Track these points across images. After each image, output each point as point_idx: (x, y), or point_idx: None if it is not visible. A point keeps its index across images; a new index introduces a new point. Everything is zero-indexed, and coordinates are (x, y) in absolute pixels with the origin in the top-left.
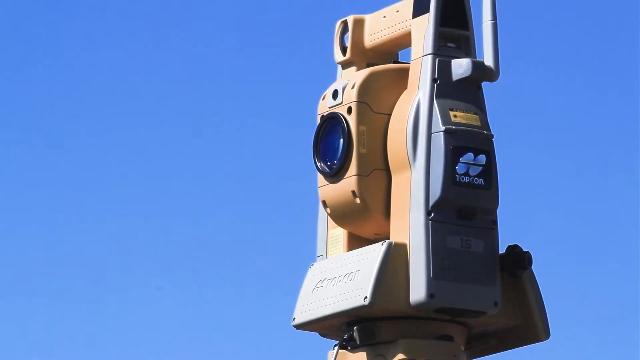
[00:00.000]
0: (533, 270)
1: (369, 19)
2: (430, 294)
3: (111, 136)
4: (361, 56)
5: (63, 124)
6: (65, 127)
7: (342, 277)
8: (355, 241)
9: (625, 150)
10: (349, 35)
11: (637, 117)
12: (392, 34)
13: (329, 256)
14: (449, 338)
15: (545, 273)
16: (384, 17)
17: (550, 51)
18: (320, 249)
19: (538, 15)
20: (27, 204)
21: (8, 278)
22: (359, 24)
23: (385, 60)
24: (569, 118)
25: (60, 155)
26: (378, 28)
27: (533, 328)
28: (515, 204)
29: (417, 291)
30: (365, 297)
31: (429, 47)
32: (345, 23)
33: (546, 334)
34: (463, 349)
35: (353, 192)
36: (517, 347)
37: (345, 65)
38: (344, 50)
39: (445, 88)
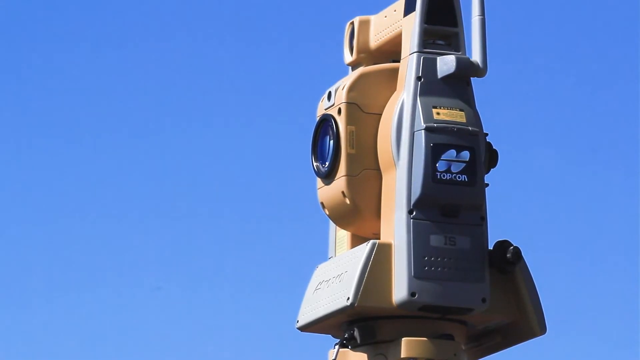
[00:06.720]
0: (528, 265)
1: (374, 19)
2: (412, 293)
3: (111, 136)
4: (368, 57)
5: (63, 123)
6: (65, 127)
7: (334, 278)
8: (358, 241)
9: (623, 146)
10: (355, 37)
11: (634, 114)
12: (391, 33)
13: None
14: (450, 337)
15: (545, 269)
16: (385, 17)
17: (543, 48)
18: (330, 250)
19: (537, 12)
20: (27, 204)
21: (8, 278)
22: (365, 25)
23: (390, 61)
24: (568, 114)
25: (61, 154)
26: (381, 28)
27: (528, 323)
28: (514, 200)
29: (399, 290)
30: (348, 298)
31: (414, 46)
32: (353, 24)
33: (542, 329)
34: (464, 347)
35: (343, 192)
36: (516, 343)
37: (354, 66)
38: (352, 51)
39: (429, 86)
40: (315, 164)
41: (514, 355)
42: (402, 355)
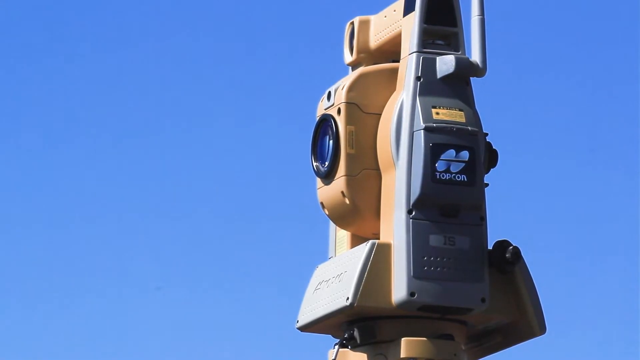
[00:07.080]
0: (527, 265)
1: (374, 19)
2: (411, 293)
3: (112, 136)
4: (368, 57)
5: (63, 123)
6: (65, 127)
7: (334, 278)
8: (358, 241)
9: (623, 146)
10: (355, 37)
11: (634, 114)
12: (391, 33)
13: None
14: (450, 337)
15: (545, 269)
16: (385, 17)
17: (543, 48)
18: (330, 250)
19: (537, 12)
20: (27, 204)
21: (8, 278)
22: (365, 25)
23: (390, 61)
24: (568, 114)
25: (61, 154)
26: (380, 28)
27: (528, 323)
28: (514, 200)
29: (399, 290)
30: (347, 298)
31: (413, 46)
32: (353, 24)
33: (542, 329)
34: (464, 347)
35: (342, 192)
36: (516, 343)
37: (354, 66)
38: (352, 51)
39: (429, 85)
40: (314, 164)
41: (514, 355)
42: (402, 355)
